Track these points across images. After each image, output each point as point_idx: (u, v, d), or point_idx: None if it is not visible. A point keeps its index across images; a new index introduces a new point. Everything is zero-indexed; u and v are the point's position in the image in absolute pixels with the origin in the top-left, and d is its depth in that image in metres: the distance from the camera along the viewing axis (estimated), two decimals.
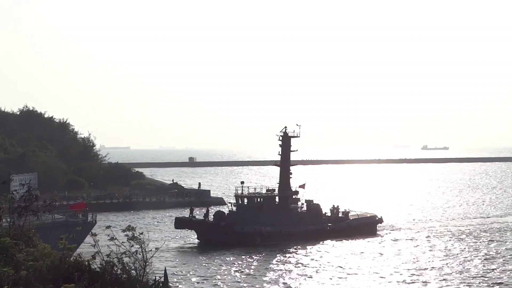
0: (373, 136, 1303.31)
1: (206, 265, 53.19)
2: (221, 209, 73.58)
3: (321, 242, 63.96)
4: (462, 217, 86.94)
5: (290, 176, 72.22)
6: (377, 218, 73.51)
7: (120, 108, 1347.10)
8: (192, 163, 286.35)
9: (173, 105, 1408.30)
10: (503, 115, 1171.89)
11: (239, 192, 69.30)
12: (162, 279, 11.44)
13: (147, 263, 11.29)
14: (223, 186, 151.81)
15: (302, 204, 71.01)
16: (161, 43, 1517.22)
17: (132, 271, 11.07)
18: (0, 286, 9.62)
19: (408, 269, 50.27)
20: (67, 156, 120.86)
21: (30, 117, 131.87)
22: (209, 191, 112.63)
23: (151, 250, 11.61)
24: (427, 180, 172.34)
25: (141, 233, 11.61)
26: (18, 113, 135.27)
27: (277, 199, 69.93)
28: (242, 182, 71.38)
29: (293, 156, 74.22)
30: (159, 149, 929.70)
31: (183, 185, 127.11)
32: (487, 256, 55.89)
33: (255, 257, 56.40)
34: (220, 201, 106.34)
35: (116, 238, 11.57)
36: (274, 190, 71.71)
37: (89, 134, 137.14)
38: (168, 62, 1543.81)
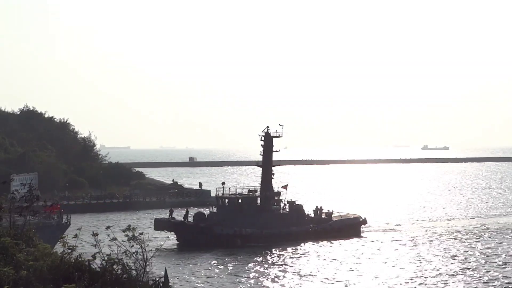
0: (373, 136, 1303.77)
1: (207, 265, 53.24)
2: (201, 210, 72.18)
3: (302, 244, 63.01)
4: (449, 218, 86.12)
5: (272, 176, 71.38)
6: (361, 219, 72.21)
7: (120, 108, 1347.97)
8: (192, 163, 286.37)
9: (173, 105, 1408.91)
10: (503, 115, 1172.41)
11: (220, 193, 68.42)
12: (163, 279, 11.45)
13: (147, 263, 11.31)
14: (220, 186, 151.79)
15: (285, 205, 70.02)
16: (161, 43, 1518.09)
17: (133, 271, 11.08)
18: (0, 286, 9.64)
19: (388, 271, 49.72)
20: (67, 156, 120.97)
21: (30, 117, 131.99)
22: (209, 191, 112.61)
23: (151, 250, 11.63)
24: (419, 180, 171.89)
25: (141, 233, 11.62)
26: (18, 113, 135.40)
27: (259, 200, 68.85)
28: (223, 183, 70.67)
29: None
30: (159, 149, 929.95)
31: (183, 185, 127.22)
32: (467, 257, 55.56)
33: (255, 258, 56.41)
34: None
35: (116, 238, 11.58)
36: (256, 190, 70.60)
37: (90, 134, 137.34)
38: (168, 62, 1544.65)
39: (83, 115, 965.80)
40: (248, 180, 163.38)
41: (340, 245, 63.35)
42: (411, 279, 46.77)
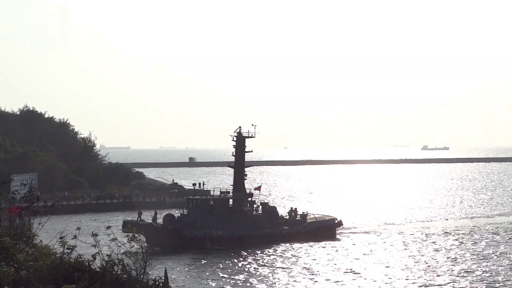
0: (373, 136, 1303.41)
1: (207, 265, 53.26)
2: (170, 212, 70.22)
3: (274, 246, 61.91)
4: (428, 219, 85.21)
5: (245, 177, 70.21)
6: (336, 221, 70.75)
7: (120, 108, 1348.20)
8: (192, 163, 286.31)
9: (173, 105, 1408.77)
10: (503, 115, 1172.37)
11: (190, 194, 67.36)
12: (163, 280, 11.46)
13: (147, 263, 11.31)
14: (223, 186, 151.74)
15: (258, 206, 68.81)
16: (161, 42, 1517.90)
17: (133, 271, 11.08)
18: (0, 286, 9.63)
19: (357, 272, 49.25)
20: (67, 156, 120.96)
21: (30, 117, 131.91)
22: (209, 191, 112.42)
23: (151, 250, 11.64)
24: (415, 181, 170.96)
25: (141, 233, 11.62)
26: (18, 113, 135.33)
27: (231, 201, 67.60)
28: (194, 184, 69.64)
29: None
30: (159, 149, 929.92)
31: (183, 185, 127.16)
32: (452, 257, 55.38)
33: (256, 258, 56.37)
34: None
35: (116, 239, 11.58)
36: (228, 192, 69.51)
37: (90, 134, 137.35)
38: (168, 62, 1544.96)
39: (83, 115, 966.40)
40: (248, 180, 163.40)
41: (311, 247, 61.83)
42: (375, 281, 46.29)
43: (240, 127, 70.50)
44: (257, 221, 66.41)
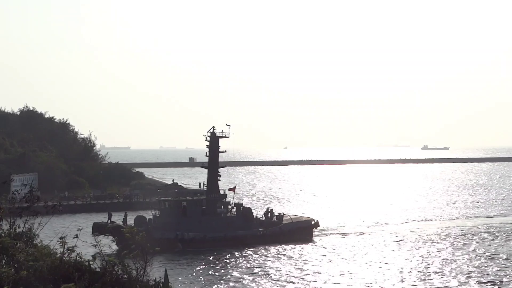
0: (373, 136, 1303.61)
1: (207, 265, 53.27)
2: (142, 214, 68.51)
3: (247, 248, 60.62)
4: (407, 220, 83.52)
5: (219, 178, 68.97)
6: (313, 222, 69.25)
7: (120, 108, 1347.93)
8: (192, 163, 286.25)
9: (173, 105, 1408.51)
10: (503, 115, 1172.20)
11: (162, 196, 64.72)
12: (163, 280, 11.46)
13: (148, 264, 11.31)
14: (222, 186, 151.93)
15: (232, 208, 67.63)
16: (160, 42, 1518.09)
17: (133, 272, 11.09)
18: (0, 286, 9.64)
19: (327, 275, 48.44)
20: (67, 156, 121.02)
21: (30, 117, 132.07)
22: None
23: (151, 250, 11.64)
24: (410, 181, 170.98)
25: (141, 234, 11.63)
26: (19, 113, 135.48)
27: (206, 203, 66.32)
28: (166, 185, 67.71)
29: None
30: (159, 149, 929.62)
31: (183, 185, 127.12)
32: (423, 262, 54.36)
33: (257, 259, 56.36)
34: None
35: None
36: (203, 193, 68.40)
37: (90, 134, 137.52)
38: (168, 62, 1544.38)
39: (83, 115, 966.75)
40: (250, 180, 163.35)
41: (284, 249, 60.61)
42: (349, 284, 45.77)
43: (213, 127, 68.97)
44: (231, 223, 65.01)
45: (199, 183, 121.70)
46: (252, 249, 60.58)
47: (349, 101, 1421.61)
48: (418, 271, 49.73)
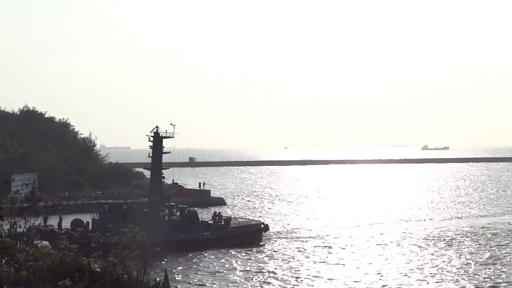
0: (373, 136, 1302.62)
1: (207, 265, 53.22)
2: (79, 218, 64.92)
3: (189, 253, 58.39)
4: (377, 222, 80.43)
5: (162, 180, 67.16)
6: (262, 226, 66.97)
7: (120, 108, 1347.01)
8: (192, 163, 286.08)
9: (173, 105, 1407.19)
10: (503, 115, 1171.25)
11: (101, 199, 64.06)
12: (163, 280, 11.47)
13: (148, 264, 11.31)
14: (224, 185, 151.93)
15: (176, 211, 65.97)
16: (160, 42, 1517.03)
17: (133, 272, 11.09)
18: (0, 286, 9.64)
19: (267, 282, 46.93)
20: (67, 156, 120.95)
21: (30, 117, 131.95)
22: (209, 191, 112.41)
23: (151, 250, 11.64)
24: (404, 181, 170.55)
25: (142, 234, 11.64)
26: (19, 113, 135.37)
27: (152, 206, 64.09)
28: (106, 188, 65.44)
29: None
30: None
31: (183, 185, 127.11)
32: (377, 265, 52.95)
33: (253, 257, 56.31)
34: (220, 201, 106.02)
35: (117, 238, 11.59)
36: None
37: (90, 134, 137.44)
38: (168, 62, 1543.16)
39: (83, 115, 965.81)
40: (248, 180, 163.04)
41: (227, 254, 58.55)
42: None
43: (157, 126, 66.60)
44: (174, 226, 63.16)
45: (199, 183, 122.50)
46: (251, 249, 60.51)
47: (349, 101, 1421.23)
48: (399, 272, 49.34)
